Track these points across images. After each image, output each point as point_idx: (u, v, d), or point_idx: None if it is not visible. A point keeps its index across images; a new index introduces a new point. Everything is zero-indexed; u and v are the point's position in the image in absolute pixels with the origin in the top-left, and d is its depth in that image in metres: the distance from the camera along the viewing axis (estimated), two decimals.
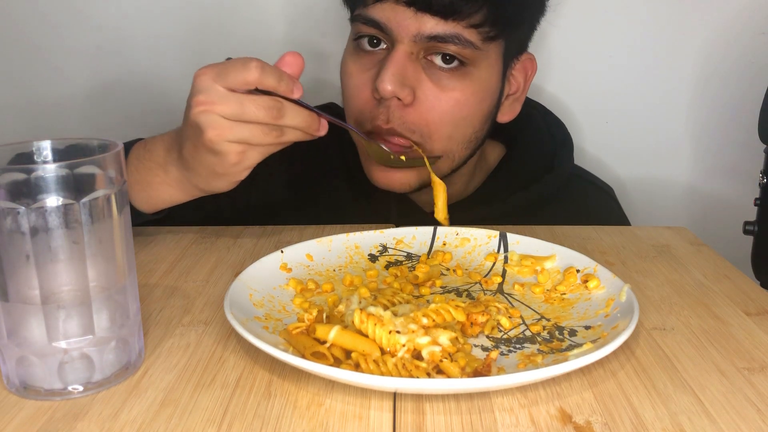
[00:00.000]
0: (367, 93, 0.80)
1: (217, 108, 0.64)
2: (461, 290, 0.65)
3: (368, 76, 0.80)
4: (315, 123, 0.67)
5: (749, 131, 0.99)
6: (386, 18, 0.77)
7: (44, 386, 0.48)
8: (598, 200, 1.00)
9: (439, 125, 0.79)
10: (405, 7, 0.76)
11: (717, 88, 1.17)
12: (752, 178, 0.93)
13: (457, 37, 0.76)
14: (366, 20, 0.79)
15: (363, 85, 0.80)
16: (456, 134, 0.81)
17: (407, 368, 0.49)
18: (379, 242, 0.73)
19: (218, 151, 0.65)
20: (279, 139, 0.66)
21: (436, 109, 0.79)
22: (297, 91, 0.66)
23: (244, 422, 0.45)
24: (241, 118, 0.64)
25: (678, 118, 1.19)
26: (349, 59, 0.83)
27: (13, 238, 0.45)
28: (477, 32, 0.77)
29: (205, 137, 0.64)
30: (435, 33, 0.76)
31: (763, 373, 0.51)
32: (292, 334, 0.53)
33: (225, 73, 0.64)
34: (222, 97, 0.64)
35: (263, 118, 0.64)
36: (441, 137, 0.80)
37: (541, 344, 0.55)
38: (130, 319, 0.51)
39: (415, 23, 0.76)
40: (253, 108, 0.64)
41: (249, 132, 0.64)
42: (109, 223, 0.48)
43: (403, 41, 0.77)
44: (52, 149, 0.51)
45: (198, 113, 0.64)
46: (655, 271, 0.70)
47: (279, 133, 0.65)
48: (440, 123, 0.79)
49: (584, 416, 0.46)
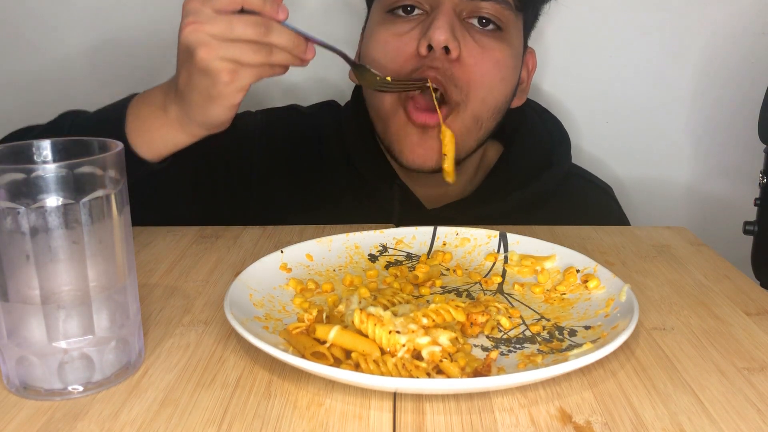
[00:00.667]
0: (409, 51, 0.82)
1: (206, 27, 0.65)
2: (461, 290, 0.65)
3: (408, 38, 0.82)
4: (302, 44, 0.68)
5: (749, 131, 0.99)
6: None
7: (44, 386, 0.48)
8: (597, 198, 1.00)
9: (480, 84, 0.82)
10: None
11: (717, 88, 1.17)
12: (752, 178, 0.93)
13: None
14: None
15: (404, 45, 0.82)
16: (489, 98, 0.84)
17: (407, 368, 0.49)
18: (379, 242, 0.73)
19: (210, 70, 0.66)
20: (268, 57, 0.67)
21: (479, 67, 0.82)
22: (282, 13, 0.67)
23: (244, 422, 0.45)
24: (230, 36, 0.66)
25: (678, 118, 1.19)
26: (381, 29, 0.85)
27: (13, 238, 0.45)
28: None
29: (197, 57, 0.66)
30: None
31: (763, 373, 0.51)
32: (292, 334, 0.53)
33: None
34: (210, 17, 0.66)
35: (251, 35, 0.65)
36: (477, 97, 0.83)
37: (541, 344, 0.55)
38: (130, 319, 0.51)
39: None
40: (240, 26, 0.65)
41: (239, 50, 0.66)
42: (109, 223, 0.48)
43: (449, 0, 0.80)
44: (52, 149, 0.51)
45: (188, 33, 0.66)
46: (655, 271, 0.70)
47: (268, 52, 0.67)
48: (480, 82, 0.82)
49: (584, 416, 0.46)
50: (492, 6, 0.81)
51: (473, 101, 0.83)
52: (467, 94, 0.82)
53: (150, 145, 0.74)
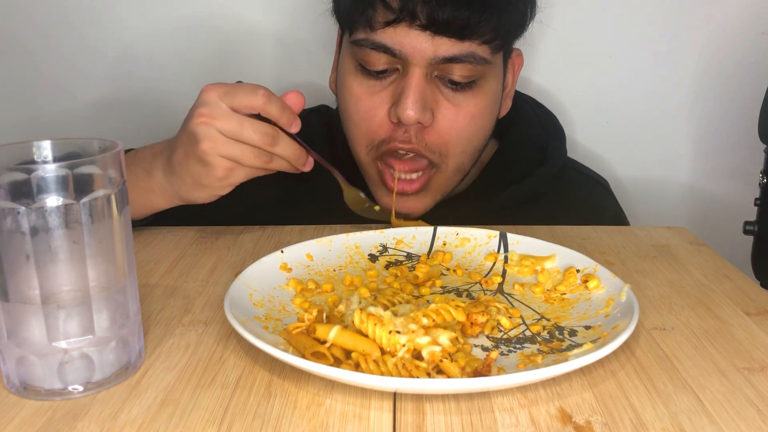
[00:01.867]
0: (381, 116, 0.80)
1: (217, 123, 0.68)
2: (461, 290, 0.65)
3: (380, 99, 0.80)
4: (303, 157, 0.73)
5: (749, 131, 0.99)
6: (399, 44, 0.76)
7: (44, 386, 0.48)
8: (592, 191, 1.00)
9: (456, 142, 0.81)
10: (420, 31, 0.75)
11: (717, 88, 1.17)
12: (752, 178, 0.93)
13: (472, 55, 0.77)
14: (376, 46, 0.77)
15: (375, 108, 0.80)
16: (468, 148, 0.84)
17: (407, 368, 0.49)
18: (379, 242, 0.73)
19: (208, 163, 0.69)
20: (267, 164, 0.71)
21: (454, 127, 0.80)
22: (296, 126, 0.71)
23: (244, 422, 0.45)
24: (238, 137, 0.68)
25: (678, 118, 1.19)
26: (354, 81, 0.82)
27: (13, 238, 0.45)
28: (489, 47, 0.78)
29: (200, 147, 0.68)
30: (451, 54, 0.76)
31: (763, 373, 0.51)
32: (292, 334, 0.53)
33: (233, 94, 0.69)
34: (224, 113, 0.68)
35: (258, 142, 0.69)
36: (455, 153, 0.82)
37: (541, 344, 0.55)
38: (130, 319, 0.51)
39: (431, 47, 0.76)
40: (250, 130, 0.68)
41: (241, 151, 0.69)
42: (109, 223, 0.48)
43: (420, 65, 0.77)
44: (52, 149, 0.51)
45: (198, 123, 0.68)
46: (655, 271, 0.70)
47: (268, 159, 0.70)
48: (457, 140, 0.81)
49: (584, 416, 0.46)
50: (464, 67, 0.77)
51: (452, 157, 0.82)
52: (446, 155, 0.82)
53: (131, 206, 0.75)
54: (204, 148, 0.68)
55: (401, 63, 0.78)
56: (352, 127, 0.84)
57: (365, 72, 0.80)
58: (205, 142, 0.68)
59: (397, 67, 0.79)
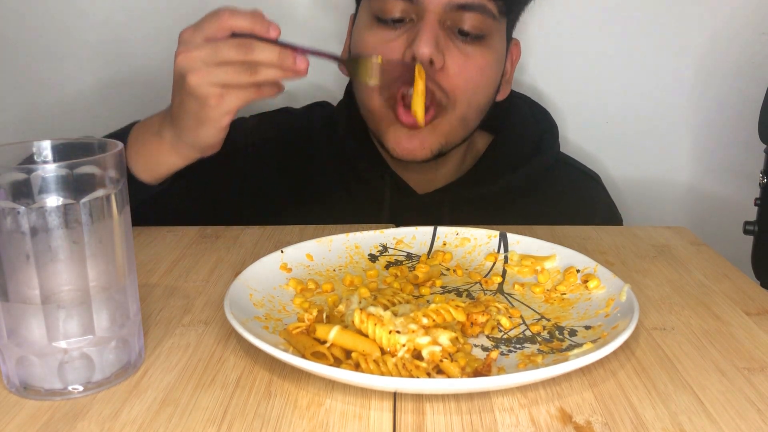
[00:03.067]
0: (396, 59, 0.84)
1: (194, 54, 0.69)
2: (461, 290, 0.65)
3: (395, 45, 0.84)
4: (288, 57, 0.70)
5: (749, 131, 0.99)
6: None
7: (44, 386, 0.48)
8: (585, 185, 1.03)
9: (464, 90, 0.85)
10: None
11: (717, 87, 1.17)
12: (752, 178, 0.93)
13: (483, 6, 0.83)
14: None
15: (390, 53, 0.84)
16: (474, 100, 0.87)
17: (407, 368, 0.49)
18: (379, 242, 0.73)
19: (199, 95, 0.70)
20: (254, 76, 0.70)
21: (463, 74, 0.84)
22: (273, 31, 0.70)
23: (244, 422, 0.45)
24: (217, 59, 0.69)
25: (678, 118, 1.19)
26: (369, 34, 0.86)
27: (13, 238, 0.45)
28: (496, 4, 0.84)
29: (187, 82, 0.70)
30: (464, 2, 0.82)
31: (763, 373, 0.51)
32: (292, 334, 0.53)
33: (201, 24, 0.71)
34: (199, 45, 0.70)
35: (235, 56, 0.69)
36: (463, 101, 0.86)
37: (541, 344, 0.55)
38: (130, 319, 0.51)
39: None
40: (224, 49, 0.69)
41: (225, 73, 0.69)
42: (109, 223, 0.48)
43: (435, 10, 0.82)
44: (52, 149, 0.51)
45: (180, 60, 0.70)
46: (655, 271, 0.70)
47: (253, 71, 0.69)
48: (465, 88, 0.85)
49: (584, 416, 0.46)
50: (474, 16, 0.83)
51: (459, 105, 0.86)
52: (453, 99, 0.85)
53: (148, 169, 0.78)
54: (191, 82, 0.69)
55: (416, 11, 0.83)
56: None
57: (381, 23, 0.85)
58: (190, 75, 0.69)
59: (412, 17, 0.84)
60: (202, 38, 0.69)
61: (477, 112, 0.89)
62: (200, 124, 0.73)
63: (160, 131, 0.77)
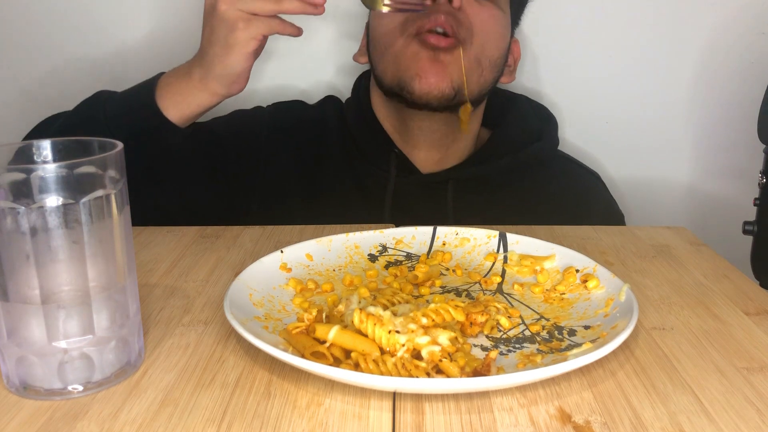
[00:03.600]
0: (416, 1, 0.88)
1: None
2: (461, 290, 0.66)
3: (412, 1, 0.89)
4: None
5: (749, 131, 0.99)
6: None
7: (44, 386, 0.48)
8: (586, 179, 1.06)
9: (480, 30, 0.90)
10: None
11: (717, 88, 1.17)
12: (752, 178, 0.93)
13: None
14: None
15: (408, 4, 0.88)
16: (487, 46, 0.92)
17: (407, 368, 0.49)
18: (379, 242, 0.73)
19: (227, 19, 0.78)
20: (278, 5, 0.78)
21: (478, 16, 0.90)
22: None
23: (244, 422, 0.45)
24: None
25: (678, 118, 1.19)
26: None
27: (13, 238, 0.45)
28: None
29: (218, 9, 0.78)
30: None
31: (762, 373, 0.51)
32: (291, 333, 0.53)
33: None
34: None
35: None
36: (478, 41, 0.91)
37: (541, 344, 0.55)
38: (130, 319, 0.51)
39: None
40: None
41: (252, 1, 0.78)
42: (109, 223, 0.48)
43: None
44: (52, 149, 0.51)
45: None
46: (654, 270, 0.70)
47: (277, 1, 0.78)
48: (480, 28, 0.91)
49: (584, 416, 0.46)
50: None
51: (476, 44, 0.90)
52: (470, 34, 0.90)
53: (177, 108, 0.84)
54: (221, 7, 0.78)
55: None
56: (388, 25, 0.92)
57: None
58: (221, 3, 0.78)
59: None
60: None
61: (490, 61, 0.93)
62: (229, 49, 0.79)
63: (189, 71, 0.84)
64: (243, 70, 0.82)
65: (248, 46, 0.79)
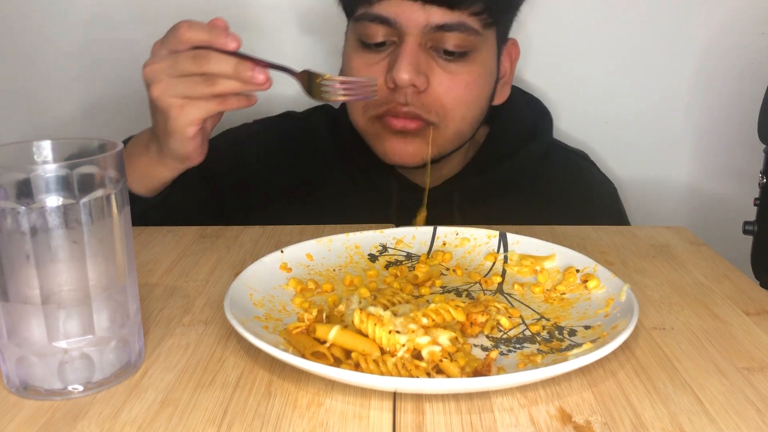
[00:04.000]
0: (380, 83, 0.85)
1: (157, 66, 0.71)
2: (461, 290, 0.66)
3: (378, 68, 0.85)
4: (245, 69, 0.70)
5: (749, 131, 0.99)
6: (394, 13, 0.82)
7: (44, 386, 0.48)
8: (578, 163, 1.06)
9: (454, 107, 0.86)
10: (412, 2, 0.81)
11: (717, 88, 1.17)
12: (752, 178, 0.93)
13: (463, 25, 0.83)
14: (373, 18, 0.83)
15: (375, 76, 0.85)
16: (468, 115, 0.88)
17: (407, 368, 0.49)
18: (379, 242, 0.73)
19: (161, 107, 0.72)
20: (212, 88, 0.70)
21: (451, 93, 0.85)
22: (231, 42, 0.70)
23: (244, 422, 0.45)
24: (176, 72, 0.71)
25: (678, 118, 1.19)
26: (355, 56, 0.88)
27: (13, 238, 0.45)
28: (478, 19, 0.84)
29: (151, 94, 0.72)
30: (443, 22, 0.82)
31: (763, 373, 0.51)
32: (292, 333, 0.53)
33: (166, 37, 0.72)
34: (163, 57, 0.72)
35: (192, 68, 0.70)
36: (456, 118, 0.87)
37: (541, 344, 0.55)
38: (130, 319, 0.51)
39: (423, 15, 0.82)
40: (182, 60, 0.70)
41: (184, 85, 0.71)
42: (109, 223, 0.48)
43: (413, 33, 0.82)
44: (53, 149, 0.51)
45: (144, 73, 0.72)
46: (654, 270, 0.70)
47: (211, 83, 0.70)
48: (456, 105, 0.86)
49: (584, 416, 0.46)
50: (456, 36, 0.83)
51: (452, 121, 0.87)
52: (444, 117, 0.86)
53: (140, 182, 0.80)
54: (153, 93, 0.71)
55: (397, 34, 0.84)
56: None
57: (365, 46, 0.86)
58: (154, 87, 0.71)
59: (394, 39, 0.84)
60: (166, 50, 0.71)
61: (471, 124, 0.90)
62: (169, 134, 0.74)
63: (148, 144, 0.79)
64: (190, 151, 0.76)
65: (186, 132, 0.73)
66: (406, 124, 0.85)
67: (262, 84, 0.70)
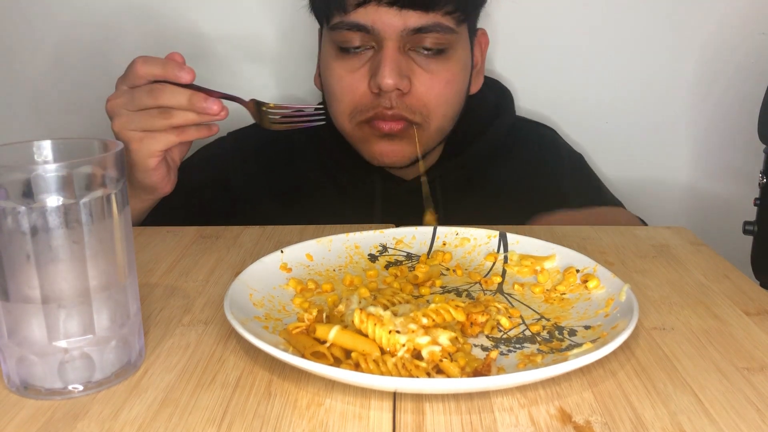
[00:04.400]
0: (362, 89, 0.87)
1: (117, 101, 0.75)
2: (461, 290, 0.66)
3: (360, 75, 0.87)
4: (199, 100, 0.73)
5: (749, 131, 0.99)
6: (371, 20, 0.84)
7: (44, 386, 0.48)
8: (546, 135, 1.09)
9: (437, 105, 0.88)
10: (388, 8, 0.83)
11: (717, 88, 1.17)
12: (752, 178, 0.93)
13: (438, 25, 0.85)
14: (350, 26, 0.85)
15: (357, 82, 0.87)
16: (449, 111, 0.91)
17: (407, 368, 0.49)
18: (379, 242, 0.73)
19: (123, 140, 0.74)
20: (169, 121, 0.73)
21: (432, 92, 0.87)
22: (186, 75, 0.73)
23: (244, 422, 0.45)
24: (134, 106, 0.73)
25: (678, 118, 1.19)
26: (335, 64, 0.89)
27: (13, 238, 0.45)
28: (452, 17, 0.86)
29: (113, 128, 0.75)
30: (419, 25, 0.84)
31: (762, 373, 0.51)
32: (292, 333, 0.53)
33: (125, 74, 0.75)
34: (123, 91, 0.75)
35: (148, 102, 0.73)
36: (438, 116, 0.89)
37: (541, 344, 0.55)
38: (130, 319, 0.51)
39: (400, 20, 0.83)
40: (139, 94, 0.73)
41: (141, 118, 0.73)
42: (109, 223, 0.48)
43: (392, 38, 0.84)
44: (53, 149, 0.51)
45: (107, 108, 0.75)
46: (654, 270, 0.70)
47: (167, 116, 0.73)
48: (437, 103, 0.88)
49: (584, 416, 0.46)
50: (434, 36, 0.85)
51: (435, 119, 0.89)
52: (427, 116, 0.88)
53: None
54: (115, 128, 0.75)
55: (375, 40, 0.85)
56: (337, 103, 0.90)
57: (344, 52, 0.87)
58: (114, 121, 0.75)
59: (372, 44, 0.86)
60: (126, 86, 0.74)
61: (452, 119, 0.93)
62: (132, 167, 0.77)
63: None
64: (156, 182, 0.79)
65: (147, 163, 0.76)
66: (393, 126, 0.87)
67: (216, 114, 0.73)
